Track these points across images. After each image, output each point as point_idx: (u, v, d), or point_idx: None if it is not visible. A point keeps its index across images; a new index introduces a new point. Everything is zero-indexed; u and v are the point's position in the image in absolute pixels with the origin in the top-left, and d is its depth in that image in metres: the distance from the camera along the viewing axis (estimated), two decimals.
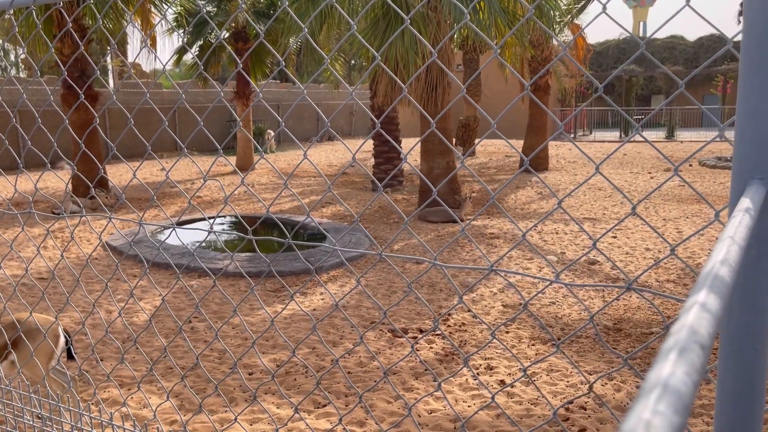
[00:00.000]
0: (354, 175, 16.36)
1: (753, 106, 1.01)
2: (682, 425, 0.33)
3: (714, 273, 0.55)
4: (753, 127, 1.01)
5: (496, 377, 4.47)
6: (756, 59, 0.99)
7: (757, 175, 1.01)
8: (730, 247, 0.63)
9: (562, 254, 7.90)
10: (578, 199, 12.06)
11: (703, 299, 0.48)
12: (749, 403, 1.09)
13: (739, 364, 1.08)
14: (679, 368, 0.37)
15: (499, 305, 6.00)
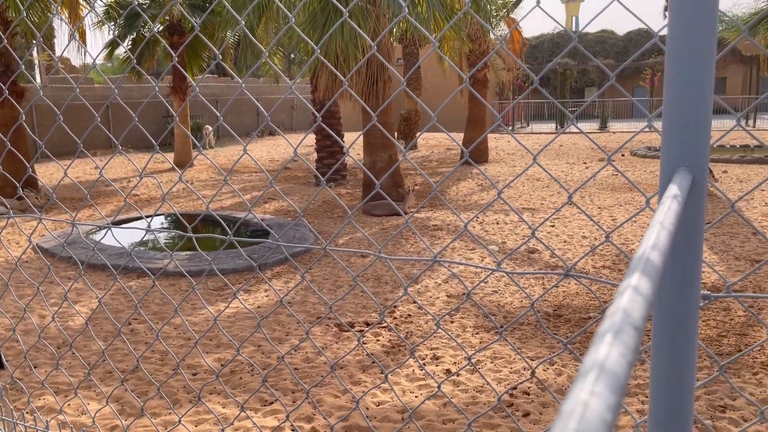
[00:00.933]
0: (297, 170, 16.22)
1: (678, 98, 1.05)
2: (618, 404, 0.34)
3: (645, 257, 0.57)
4: (679, 117, 1.05)
5: (442, 367, 4.53)
6: (680, 52, 1.03)
7: (683, 163, 1.06)
8: (660, 232, 0.65)
9: (503, 244, 8.07)
10: (517, 189, 12.32)
11: (636, 283, 0.50)
12: (681, 381, 1.14)
13: (671, 344, 1.13)
14: (615, 350, 0.38)
15: (443, 295, 6.08)
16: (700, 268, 1.11)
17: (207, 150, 21.74)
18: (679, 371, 1.13)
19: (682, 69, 1.04)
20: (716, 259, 7.12)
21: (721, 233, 8.39)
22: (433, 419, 3.78)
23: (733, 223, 9.01)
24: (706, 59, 1.04)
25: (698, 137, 1.06)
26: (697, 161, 1.06)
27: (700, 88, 1.04)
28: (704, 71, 1.04)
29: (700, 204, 1.07)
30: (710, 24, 1.02)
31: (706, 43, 1.03)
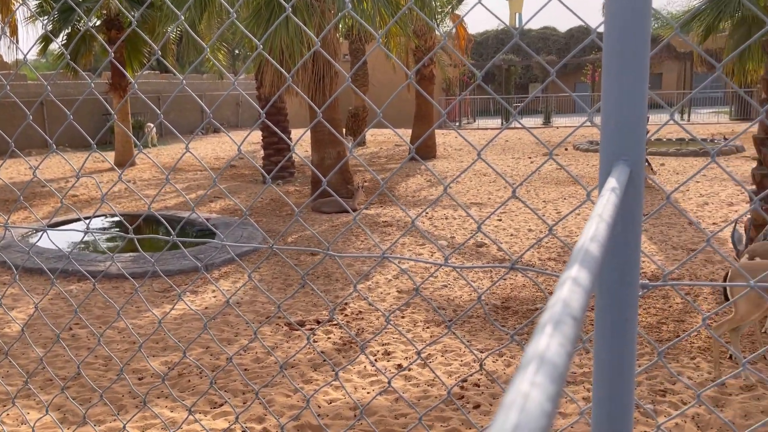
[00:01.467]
0: (243, 168, 15.98)
1: (616, 93, 1.08)
2: (558, 393, 0.35)
3: (584, 249, 0.58)
4: (616, 112, 1.08)
5: (394, 362, 4.56)
6: (616, 49, 1.06)
7: (622, 156, 1.09)
8: (599, 224, 0.67)
9: (452, 238, 8.16)
10: (465, 185, 12.47)
11: (575, 274, 0.51)
12: (622, 367, 1.17)
13: (612, 333, 1.16)
14: (554, 340, 0.39)
15: (394, 291, 6.11)
16: (639, 258, 1.15)
17: (149, 148, 21.19)
18: (620, 358, 1.17)
19: (618, 66, 1.07)
20: (655, 249, 7.38)
21: (660, 224, 8.71)
22: (386, 414, 3.79)
23: (670, 213, 9.36)
24: (641, 56, 1.07)
25: (635, 132, 1.09)
26: (634, 155, 1.09)
27: (636, 84, 1.08)
28: (639, 68, 1.07)
29: (637, 196, 1.11)
30: (644, 22, 1.05)
31: (640, 40, 1.06)
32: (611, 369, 1.17)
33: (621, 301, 1.14)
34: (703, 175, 12.91)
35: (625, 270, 1.13)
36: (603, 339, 1.17)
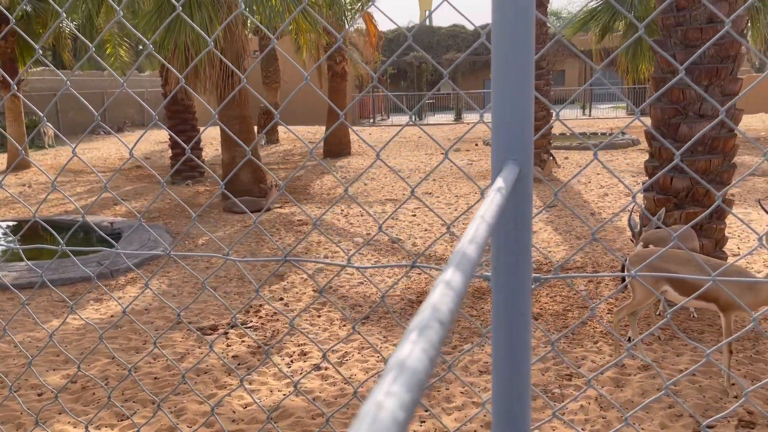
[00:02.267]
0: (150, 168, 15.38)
1: (504, 93, 1.12)
2: (415, 400, 0.35)
3: (462, 252, 0.59)
4: (505, 111, 1.12)
5: (311, 362, 4.53)
6: (503, 49, 1.10)
7: (511, 155, 1.13)
8: (480, 225, 0.69)
9: (368, 235, 8.20)
10: (380, 181, 12.56)
11: (449, 277, 0.52)
12: (519, 359, 1.22)
13: (508, 326, 1.20)
14: (418, 346, 0.39)
15: (310, 291, 6.07)
16: (530, 253, 1.19)
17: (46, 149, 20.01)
18: (516, 348, 1.21)
19: (504, 67, 1.11)
20: (560, 239, 7.72)
21: (565, 215, 9.11)
22: (303, 415, 3.77)
23: (574, 205, 9.82)
24: (526, 58, 1.11)
25: (522, 132, 1.13)
26: (523, 154, 1.13)
27: (522, 85, 1.12)
28: (524, 69, 1.11)
29: (527, 194, 1.15)
30: (528, 24, 1.09)
31: (525, 42, 1.10)
32: (508, 359, 1.22)
33: (515, 294, 1.19)
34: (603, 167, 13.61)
35: (518, 265, 1.17)
36: (500, 331, 1.21)
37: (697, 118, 5.27)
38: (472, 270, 0.57)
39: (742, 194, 9.97)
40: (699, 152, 5.33)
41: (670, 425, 3.59)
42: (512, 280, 1.18)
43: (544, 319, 5.25)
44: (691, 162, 5.34)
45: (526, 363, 1.22)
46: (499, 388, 1.23)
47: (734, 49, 5.15)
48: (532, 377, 4.17)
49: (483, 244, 0.66)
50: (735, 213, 6.42)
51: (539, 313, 5.37)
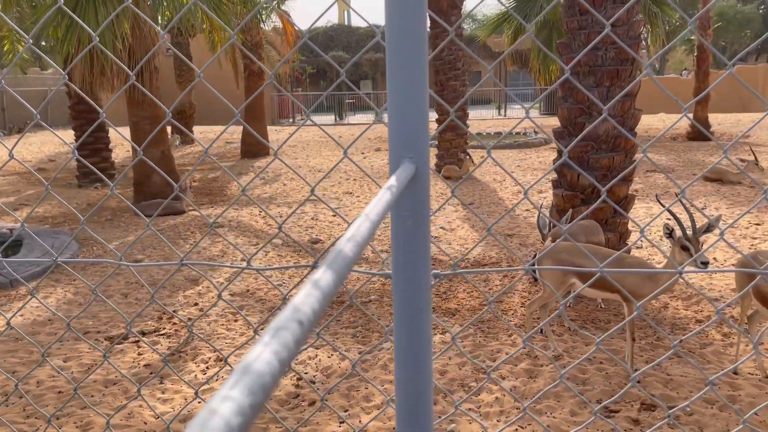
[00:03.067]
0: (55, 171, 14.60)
1: (399, 91, 1.12)
2: (257, 404, 0.34)
3: (339, 250, 0.59)
4: (400, 110, 1.13)
5: (227, 368, 4.42)
6: (396, 49, 1.10)
7: (407, 154, 1.14)
8: (362, 224, 0.68)
9: (287, 236, 8.11)
10: (300, 181, 12.45)
11: (318, 276, 0.51)
12: (420, 356, 1.23)
13: (408, 322, 1.21)
14: (269, 349, 0.38)
15: (226, 294, 5.93)
16: (429, 250, 1.20)
17: None
18: (417, 344, 1.22)
19: (399, 67, 1.11)
20: (478, 236, 7.91)
21: (480, 212, 9.35)
22: None
23: (490, 202, 10.09)
24: (419, 57, 1.12)
25: (418, 131, 1.14)
26: (419, 152, 1.14)
27: (416, 85, 1.13)
28: (418, 69, 1.12)
29: (423, 192, 1.16)
30: (419, 24, 1.11)
31: (417, 42, 1.11)
32: (410, 355, 1.22)
33: (415, 291, 1.20)
34: (518, 165, 14.07)
35: (417, 262, 1.18)
36: (401, 327, 1.22)
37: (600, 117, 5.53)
38: (346, 268, 0.56)
39: (645, 190, 10.55)
40: (603, 150, 5.59)
41: (579, 412, 3.74)
42: (411, 277, 1.19)
43: (461, 314, 5.36)
44: (596, 159, 5.60)
45: (426, 360, 1.23)
46: (402, 386, 1.24)
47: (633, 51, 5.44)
48: (450, 372, 4.26)
49: (364, 242, 0.66)
50: (617, 206, 6.67)
51: (456, 308, 5.48)
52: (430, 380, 1.24)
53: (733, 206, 9.00)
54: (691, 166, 12.95)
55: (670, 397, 3.88)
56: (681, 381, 4.04)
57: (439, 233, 8.08)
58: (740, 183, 10.37)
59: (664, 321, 5.11)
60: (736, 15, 42.42)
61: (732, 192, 9.93)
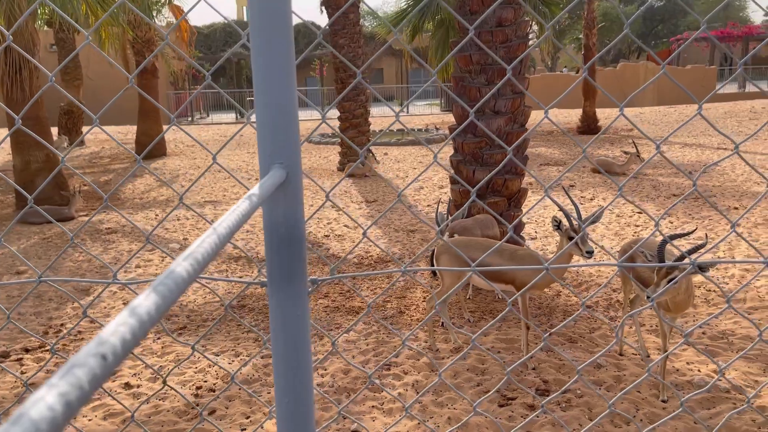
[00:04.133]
0: None
1: (265, 94, 1.09)
2: None
3: (171, 270, 0.56)
4: (267, 114, 1.10)
5: (120, 381, 4.22)
6: (260, 49, 1.07)
7: (276, 159, 1.11)
8: (207, 238, 0.65)
9: (185, 240, 7.83)
10: (199, 183, 12.07)
11: (138, 302, 0.48)
12: (299, 360, 1.21)
13: (285, 330, 1.19)
14: (54, 391, 0.35)
15: (120, 304, 5.65)
16: (305, 256, 1.19)
17: None
18: (296, 351, 1.20)
19: (264, 68, 1.09)
20: (380, 233, 7.97)
21: (383, 209, 9.42)
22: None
23: (393, 198, 10.20)
24: (285, 58, 1.09)
25: (288, 135, 1.12)
26: (289, 158, 1.12)
27: (284, 87, 1.10)
28: (285, 70, 1.09)
29: (296, 198, 1.14)
30: (283, 23, 1.08)
31: (282, 42, 1.08)
32: (289, 362, 1.20)
33: (292, 298, 1.17)
34: (420, 162, 14.31)
35: (292, 269, 1.16)
36: (278, 335, 1.19)
37: (492, 114, 5.71)
38: (177, 291, 0.53)
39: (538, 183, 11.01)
40: (496, 146, 5.79)
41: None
42: (287, 284, 1.16)
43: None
44: (490, 155, 5.78)
45: (306, 367, 1.22)
46: (282, 394, 1.22)
47: (521, 50, 5.65)
48: (353, 371, 4.26)
49: (206, 259, 0.63)
50: (510, 200, 6.88)
51: (360, 307, 5.49)
52: (310, 387, 1.23)
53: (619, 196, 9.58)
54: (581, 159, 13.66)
55: (562, 381, 4.07)
56: (571, 365, 4.24)
57: (343, 231, 8.08)
58: (625, 174, 11.05)
59: (557, 309, 5.36)
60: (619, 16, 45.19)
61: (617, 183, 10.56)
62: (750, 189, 9.41)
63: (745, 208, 8.17)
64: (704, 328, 4.73)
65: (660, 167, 12.12)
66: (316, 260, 6.84)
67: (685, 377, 4.04)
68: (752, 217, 7.75)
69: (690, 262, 3.38)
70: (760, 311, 4.99)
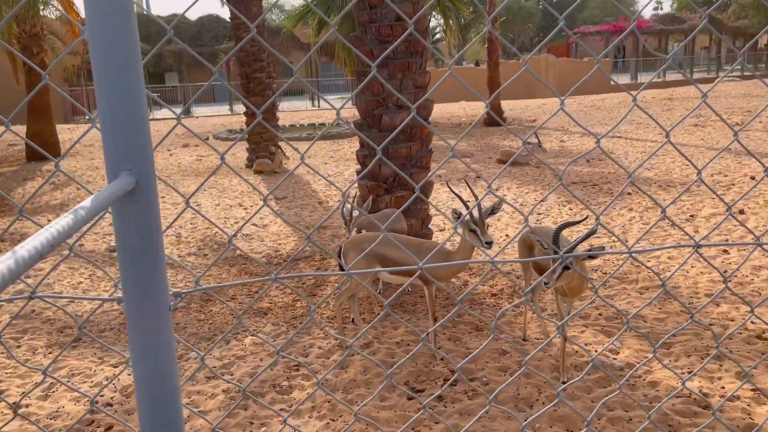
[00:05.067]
0: None
1: (108, 96, 1.00)
2: None
3: None
4: (112, 117, 1.01)
5: (10, 400, 3.91)
6: (100, 47, 0.98)
7: (125, 166, 1.02)
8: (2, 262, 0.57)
9: (79, 246, 7.41)
10: (97, 184, 11.46)
11: None
12: (162, 381, 1.13)
13: (146, 347, 1.10)
14: None
15: (6, 317, 5.26)
16: (164, 268, 1.10)
17: None
18: (158, 372, 1.12)
19: (106, 69, 1.00)
20: (290, 231, 7.85)
21: (294, 206, 9.29)
22: None
23: (303, 195, 10.08)
24: (130, 58, 1.01)
25: (137, 138, 1.03)
26: (140, 163, 1.04)
27: (130, 87, 1.02)
28: (129, 68, 1.01)
29: (149, 207, 1.06)
30: (127, 20, 0.99)
31: (126, 41, 1.00)
32: (152, 386, 1.12)
33: (151, 314, 1.09)
34: (331, 156, 14.23)
35: (149, 283, 1.08)
36: (138, 354, 1.11)
37: (396, 109, 5.72)
38: None
39: (447, 175, 11.21)
40: (401, 140, 5.80)
41: (388, 396, 3.85)
42: (145, 300, 1.08)
43: (273, 312, 5.27)
44: (395, 149, 5.79)
45: (171, 385, 1.14)
46: (146, 421, 1.13)
47: (421, 45, 5.68)
48: (262, 374, 4.16)
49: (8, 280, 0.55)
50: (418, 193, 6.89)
51: (269, 307, 5.38)
52: (178, 411, 1.15)
53: (522, 185, 9.89)
54: (487, 150, 14.03)
55: (470, 369, 4.14)
56: (479, 353, 4.32)
57: (251, 230, 7.90)
58: (527, 164, 11.42)
59: (464, 299, 5.46)
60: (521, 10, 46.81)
61: (521, 172, 10.92)
62: (641, 175, 9.96)
63: (637, 192, 8.64)
64: (600, 310, 4.95)
65: (561, 156, 12.63)
66: (222, 261, 6.64)
67: (584, 358, 4.21)
68: (643, 201, 8.21)
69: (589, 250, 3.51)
70: (651, 290, 5.28)
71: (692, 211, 7.61)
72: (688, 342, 4.31)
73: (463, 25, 19.49)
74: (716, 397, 3.62)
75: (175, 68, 34.20)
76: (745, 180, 9.04)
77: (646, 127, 16.01)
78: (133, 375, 1.12)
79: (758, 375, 3.83)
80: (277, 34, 27.51)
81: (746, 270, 5.58)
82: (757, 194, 8.15)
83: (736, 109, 17.65)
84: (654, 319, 4.74)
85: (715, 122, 15.55)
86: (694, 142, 13.06)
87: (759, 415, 3.40)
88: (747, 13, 31.35)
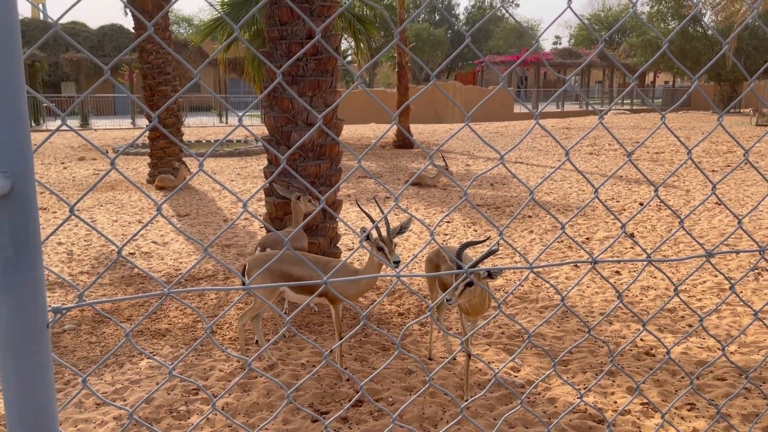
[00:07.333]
0: None
1: None
2: None
3: None
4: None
5: None
6: None
7: (1, 168, 0.93)
8: None
9: None
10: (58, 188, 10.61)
11: None
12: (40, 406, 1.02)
13: (19, 371, 1.00)
14: None
15: None
16: (42, 282, 1.01)
17: None
18: (34, 397, 1.02)
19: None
20: (192, 249, 7.57)
21: (197, 223, 8.99)
22: None
23: (207, 212, 9.77)
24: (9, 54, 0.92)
25: (12, 137, 0.94)
26: (16, 165, 0.95)
27: (10, 82, 0.93)
28: (8, 65, 0.92)
29: (26, 213, 0.97)
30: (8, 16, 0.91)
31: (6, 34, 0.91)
32: (26, 406, 1.01)
33: (27, 332, 0.99)
34: (238, 174, 13.92)
35: (24, 299, 0.98)
36: (10, 378, 1.00)
37: (305, 126, 5.67)
38: None
39: (357, 194, 11.24)
40: (310, 158, 5.76)
41: (292, 419, 3.75)
42: (20, 316, 0.98)
43: (172, 334, 5.03)
44: (304, 167, 5.73)
45: (49, 411, 1.03)
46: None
47: (331, 64, 5.69)
48: (156, 400, 3.94)
49: None
50: (329, 211, 6.95)
51: (167, 329, 5.13)
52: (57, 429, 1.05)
53: (429, 207, 10.07)
54: (396, 172, 14.22)
55: (376, 390, 4.11)
56: (384, 373, 4.31)
57: (151, 248, 7.55)
58: (435, 186, 11.67)
59: (372, 316, 5.45)
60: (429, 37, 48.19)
61: (428, 194, 11.13)
62: (541, 199, 10.41)
63: (537, 216, 9.02)
64: (503, 328, 5.08)
65: (466, 179, 13.00)
66: (118, 281, 6.29)
67: (487, 376, 4.29)
68: (543, 224, 8.57)
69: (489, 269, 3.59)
70: (550, 309, 5.49)
71: (588, 233, 8.02)
72: (584, 359, 4.49)
73: (374, 49, 19.79)
74: (609, 412, 3.78)
75: (72, 78, 32.49)
76: (635, 206, 9.66)
77: (546, 153, 16.81)
78: (3, 402, 1.01)
79: (647, 389, 4.04)
80: (185, 47, 26.80)
81: (636, 290, 5.92)
82: (645, 219, 8.72)
83: (627, 140, 18.93)
84: (552, 337, 4.92)
85: (608, 151, 16.58)
86: (589, 170, 13.84)
87: (648, 428, 3.58)
88: (635, 52, 33.90)
